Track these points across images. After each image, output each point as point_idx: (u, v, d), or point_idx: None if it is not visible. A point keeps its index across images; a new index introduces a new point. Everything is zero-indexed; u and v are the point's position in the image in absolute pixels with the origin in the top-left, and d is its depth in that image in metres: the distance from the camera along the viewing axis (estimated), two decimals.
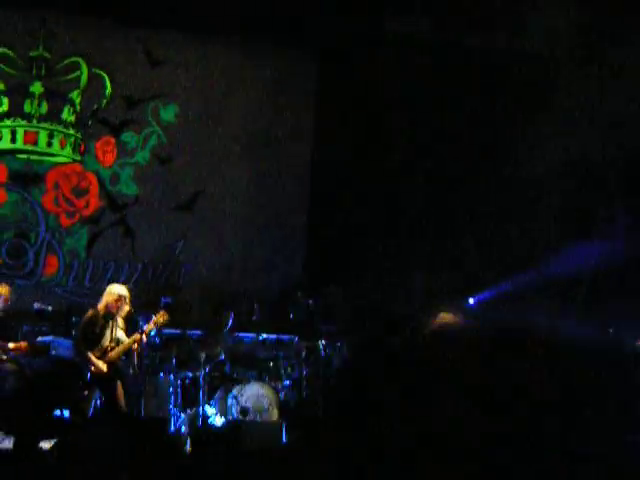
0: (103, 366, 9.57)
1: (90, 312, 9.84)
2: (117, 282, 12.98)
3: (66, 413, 9.80)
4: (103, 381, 9.63)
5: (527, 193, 13.75)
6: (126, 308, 9.93)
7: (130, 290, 10.20)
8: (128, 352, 9.92)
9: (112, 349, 9.73)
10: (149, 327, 9.92)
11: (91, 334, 9.69)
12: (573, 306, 13.08)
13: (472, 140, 13.82)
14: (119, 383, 9.73)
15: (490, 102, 13.59)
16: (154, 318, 9.91)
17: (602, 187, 13.07)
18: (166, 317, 10.03)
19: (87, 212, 13.50)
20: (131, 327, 10.33)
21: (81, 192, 13.47)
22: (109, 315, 9.80)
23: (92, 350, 9.63)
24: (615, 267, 12.68)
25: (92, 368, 9.52)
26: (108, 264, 13.51)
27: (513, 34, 13.40)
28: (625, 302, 12.19)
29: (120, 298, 9.88)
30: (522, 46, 13.34)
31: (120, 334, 9.83)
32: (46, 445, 8.59)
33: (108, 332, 9.75)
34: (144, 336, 9.86)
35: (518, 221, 13.85)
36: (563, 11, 12.84)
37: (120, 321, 9.90)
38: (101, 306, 9.85)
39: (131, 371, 10.25)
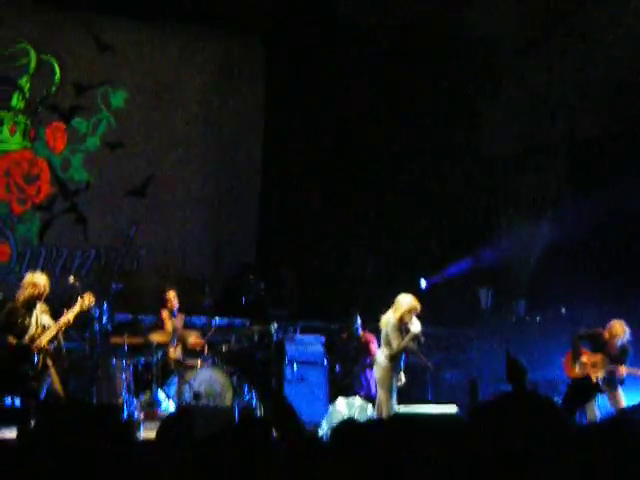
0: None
1: (9, 304, 9.78)
2: (70, 269, 13.11)
3: (16, 400, 9.72)
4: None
5: (478, 175, 13.89)
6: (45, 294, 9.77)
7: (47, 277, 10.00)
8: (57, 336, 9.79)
9: (39, 335, 9.67)
10: (74, 310, 9.80)
11: (14, 325, 9.63)
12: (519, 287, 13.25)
13: (424, 122, 13.91)
14: (53, 370, 9.68)
15: (436, 86, 13.68)
16: (79, 300, 9.80)
17: (550, 171, 13.22)
18: (92, 300, 9.92)
19: (38, 199, 13.41)
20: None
21: (32, 179, 13.38)
22: (31, 304, 9.72)
23: (20, 340, 9.58)
24: (564, 248, 12.84)
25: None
26: (61, 251, 13.46)
27: (462, 18, 13.48)
28: (575, 281, 12.35)
29: (39, 287, 9.76)
30: (470, 30, 13.40)
31: (45, 319, 9.73)
32: None
33: (33, 320, 9.68)
34: (70, 318, 9.74)
35: (470, 202, 13.98)
36: None
37: (43, 306, 9.78)
38: (20, 297, 9.76)
39: (62, 352, 10.03)
